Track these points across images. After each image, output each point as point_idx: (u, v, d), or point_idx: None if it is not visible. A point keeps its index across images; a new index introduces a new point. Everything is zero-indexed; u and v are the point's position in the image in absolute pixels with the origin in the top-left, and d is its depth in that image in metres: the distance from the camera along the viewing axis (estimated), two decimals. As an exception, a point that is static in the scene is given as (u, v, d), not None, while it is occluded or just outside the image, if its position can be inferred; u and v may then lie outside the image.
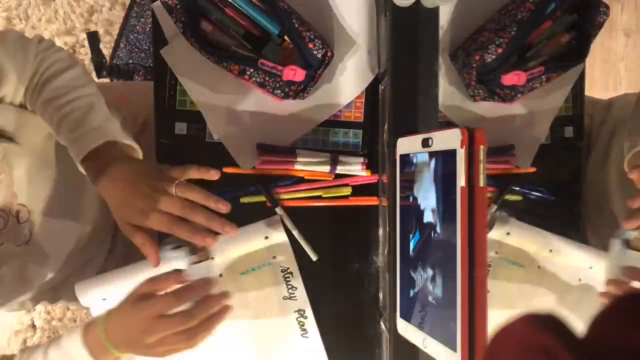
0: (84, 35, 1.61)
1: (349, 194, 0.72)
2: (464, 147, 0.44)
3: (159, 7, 0.68)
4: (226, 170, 0.70)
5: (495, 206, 0.73)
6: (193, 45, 0.64)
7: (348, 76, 0.71)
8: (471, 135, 0.44)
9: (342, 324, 0.73)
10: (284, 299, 0.72)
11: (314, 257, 0.72)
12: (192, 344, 0.61)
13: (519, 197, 0.75)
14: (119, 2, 1.62)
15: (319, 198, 0.72)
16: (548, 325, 0.26)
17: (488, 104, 0.72)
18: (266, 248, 0.71)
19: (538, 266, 0.74)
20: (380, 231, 0.71)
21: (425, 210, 0.51)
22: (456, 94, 0.72)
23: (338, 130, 0.72)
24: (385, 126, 0.64)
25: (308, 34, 0.63)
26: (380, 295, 0.72)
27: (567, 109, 0.76)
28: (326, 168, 0.70)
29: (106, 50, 1.20)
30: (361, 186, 0.72)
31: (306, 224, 0.71)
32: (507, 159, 0.73)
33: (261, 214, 0.71)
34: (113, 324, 0.59)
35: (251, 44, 0.65)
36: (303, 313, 0.72)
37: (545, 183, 0.74)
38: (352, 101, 0.71)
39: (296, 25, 0.63)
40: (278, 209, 0.70)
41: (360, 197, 0.72)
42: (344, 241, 0.72)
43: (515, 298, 0.74)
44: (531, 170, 0.74)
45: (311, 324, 0.72)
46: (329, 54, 0.65)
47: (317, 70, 0.65)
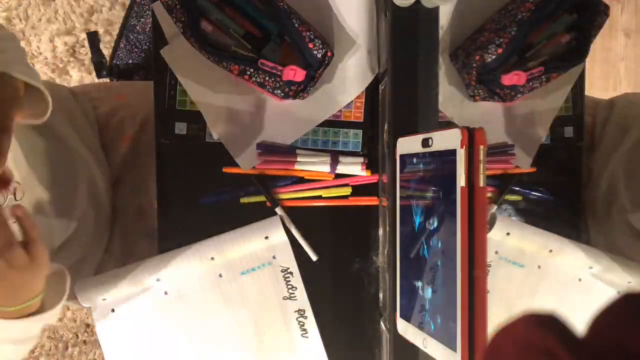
0: (84, 35, 1.61)
1: (349, 194, 0.72)
2: (464, 147, 0.44)
3: (159, 7, 0.68)
4: (226, 170, 0.70)
5: (495, 206, 0.73)
6: (193, 45, 0.64)
7: (348, 76, 0.71)
8: (471, 135, 0.44)
9: (342, 324, 0.73)
10: (283, 299, 0.72)
11: (313, 257, 0.72)
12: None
13: (519, 197, 0.75)
14: (119, 2, 1.62)
15: (319, 198, 0.72)
16: (548, 325, 0.26)
17: (488, 104, 0.72)
18: (266, 248, 0.71)
19: (538, 266, 0.74)
20: (380, 231, 0.71)
21: (425, 210, 0.51)
22: (456, 94, 0.72)
23: (338, 130, 0.72)
24: (385, 126, 0.64)
25: (308, 33, 0.63)
26: (380, 295, 0.72)
27: (567, 109, 0.76)
28: (326, 168, 0.70)
29: (106, 50, 1.20)
30: (361, 186, 0.72)
31: (306, 224, 0.71)
32: (507, 159, 0.73)
33: (261, 214, 0.71)
34: None
35: (251, 44, 0.65)
36: (303, 313, 0.72)
37: (545, 183, 0.74)
38: (352, 101, 0.71)
39: (296, 25, 0.62)
40: (278, 209, 0.70)
41: (360, 197, 0.72)
42: (344, 241, 0.72)
43: (515, 298, 0.74)
44: (531, 170, 0.74)
45: (311, 324, 0.72)
46: (329, 54, 0.65)
47: (317, 70, 0.65)
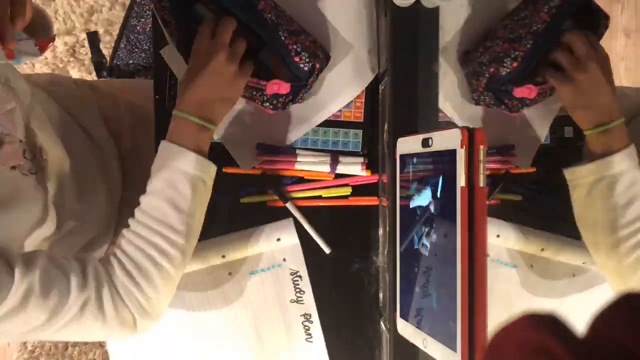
0: (84, 35, 1.61)
1: (349, 194, 0.72)
2: (464, 147, 0.44)
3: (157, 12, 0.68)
4: (226, 170, 0.70)
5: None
6: (185, 60, 0.64)
7: (348, 76, 0.71)
8: (471, 135, 0.44)
9: (342, 324, 0.73)
10: (291, 302, 0.72)
11: (327, 250, 0.72)
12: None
13: (518, 197, 0.75)
14: (119, 2, 1.62)
15: (319, 198, 0.72)
16: (548, 325, 0.26)
17: (488, 104, 0.72)
18: (277, 250, 0.71)
19: (531, 265, 0.74)
20: (380, 231, 0.71)
21: (425, 210, 0.51)
22: (456, 94, 0.72)
23: (338, 130, 0.72)
24: (385, 126, 0.64)
25: (295, 46, 0.61)
26: (380, 295, 0.72)
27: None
28: (326, 168, 0.70)
29: (106, 50, 1.20)
30: (361, 186, 0.72)
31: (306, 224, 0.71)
32: (507, 159, 0.73)
33: (261, 213, 0.71)
34: (183, 97, 0.59)
35: (247, 49, 0.64)
36: (309, 317, 0.72)
37: (545, 183, 0.74)
38: (352, 101, 0.71)
39: (282, 38, 0.61)
40: (288, 204, 0.70)
41: (360, 197, 0.72)
42: (344, 241, 0.72)
43: (511, 298, 0.74)
44: (531, 170, 0.74)
45: (317, 329, 0.72)
46: (318, 65, 0.64)
47: (308, 80, 0.65)
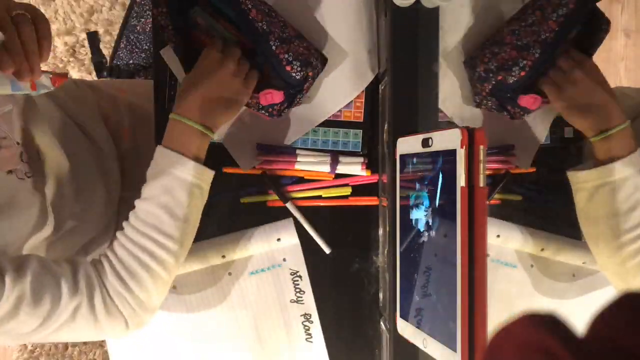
0: (84, 35, 1.61)
1: (349, 194, 0.72)
2: (464, 147, 0.44)
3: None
4: (226, 170, 0.70)
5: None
6: (182, 66, 0.64)
7: (348, 76, 0.71)
8: (471, 135, 0.44)
9: (342, 324, 0.73)
10: (291, 302, 0.72)
11: (327, 250, 0.72)
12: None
13: (518, 197, 0.75)
14: (119, 2, 1.62)
15: (319, 198, 0.72)
16: (548, 325, 0.26)
17: (488, 104, 0.72)
18: (277, 250, 0.71)
19: (531, 265, 0.74)
20: (380, 231, 0.71)
21: (425, 210, 0.51)
22: (456, 94, 0.72)
23: (338, 130, 0.72)
24: (385, 126, 0.64)
25: (286, 55, 0.60)
26: (380, 295, 0.72)
27: (567, 109, 0.75)
28: (326, 168, 0.70)
29: (106, 50, 1.20)
30: (361, 186, 0.72)
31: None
32: (507, 159, 0.73)
33: (262, 213, 0.71)
34: (185, 102, 0.59)
35: (244, 52, 0.64)
36: (309, 317, 0.72)
37: (545, 183, 0.74)
38: (352, 101, 0.71)
39: (273, 47, 0.60)
40: (288, 204, 0.70)
41: (360, 197, 0.72)
42: (344, 241, 0.72)
43: (511, 298, 0.74)
44: (531, 170, 0.74)
45: (317, 329, 0.72)
46: (310, 73, 0.64)
47: (303, 86, 0.65)
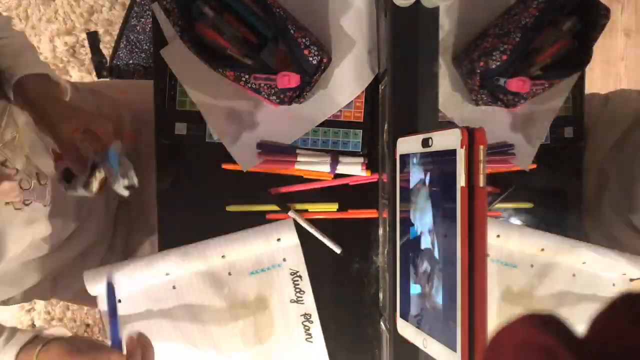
0: (84, 35, 1.61)
1: (336, 209, 0.72)
2: (464, 147, 0.44)
3: (158, 8, 0.68)
4: (226, 166, 0.70)
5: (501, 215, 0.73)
6: (190, 50, 0.64)
7: (348, 76, 0.71)
8: (471, 135, 0.44)
9: (342, 324, 0.73)
10: (291, 302, 0.72)
11: (337, 250, 0.72)
12: None
13: (530, 205, 0.74)
14: (119, 2, 1.62)
15: (316, 212, 0.72)
16: (548, 325, 0.26)
17: (488, 104, 0.72)
18: (277, 250, 0.71)
19: (531, 265, 0.74)
20: (380, 231, 0.71)
21: (425, 210, 0.51)
22: (456, 93, 0.72)
23: (338, 130, 0.72)
24: (385, 126, 0.64)
25: (304, 40, 0.62)
26: (380, 295, 0.72)
27: (567, 109, 0.76)
28: (326, 168, 0.70)
29: (106, 50, 1.20)
30: (361, 186, 0.72)
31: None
32: (507, 158, 0.73)
33: (262, 214, 0.71)
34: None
35: (248, 48, 0.65)
36: (309, 317, 0.72)
37: (546, 183, 0.74)
38: (352, 101, 0.71)
39: (292, 31, 0.62)
40: (291, 212, 0.70)
41: (360, 210, 0.72)
42: (344, 241, 0.72)
43: (511, 298, 0.74)
44: (532, 167, 0.74)
45: (317, 329, 0.72)
46: (325, 60, 0.64)
47: (313, 76, 0.65)
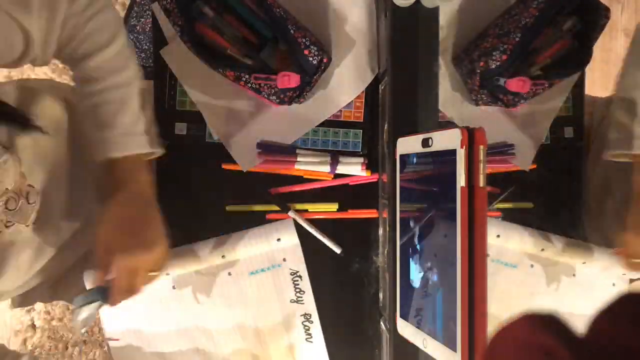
0: (84, 35, 1.61)
1: (336, 209, 0.72)
2: (464, 147, 0.44)
3: (158, 8, 0.68)
4: (225, 166, 0.70)
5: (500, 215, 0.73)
6: (190, 49, 0.64)
7: (348, 76, 0.71)
8: (471, 135, 0.44)
9: (342, 324, 0.73)
10: (291, 302, 0.72)
11: (337, 251, 0.72)
12: None
13: (530, 205, 0.74)
14: (119, 2, 1.62)
15: (317, 212, 0.72)
16: (548, 325, 0.26)
17: (488, 103, 0.72)
18: (277, 250, 0.71)
19: (531, 265, 0.74)
20: (380, 231, 0.71)
21: (425, 210, 0.51)
22: (456, 94, 0.72)
23: (338, 130, 0.72)
24: (385, 126, 0.64)
25: (304, 40, 0.62)
26: (380, 295, 0.72)
27: (567, 109, 0.76)
28: (326, 168, 0.70)
29: (106, 50, 1.20)
30: (361, 185, 0.72)
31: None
32: (507, 158, 0.73)
33: (262, 214, 0.71)
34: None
35: (248, 49, 0.65)
36: (309, 317, 0.72)
37: (545, 183, 0.74)
38: (352, 101, 0.71)
39: (292, 31, 0.62)
40: (291, 212, 0.71)
41: (360, 210, 0.72)
42: (344, 241, 0.72)
43: (511, 298, 0.74)
44: (532, 167, 0.74)
45: (317, 329, 0.72)
46: (325, 60, 0.65)
47: (313, 76, 0.65)
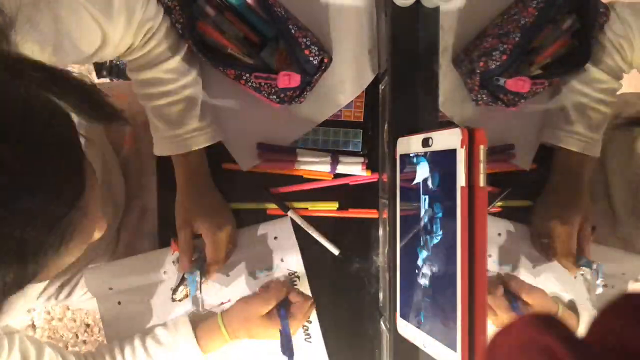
0: (84, 35, 1.61)
1: (336, 207, 0.72)
2: (464, 147, 0.44)
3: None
4: (225, 166, 0.70)
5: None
6: (191, 47, 0.64)
7: (348, 76, 0.71)
8: (471, 135, 0.44)
9: (342, 324, 0.73)
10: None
11: (335, 252, 0.71)
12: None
13: (526, 203, 0.74)
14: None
15: (316, 209, 0.72)
16: (548, 325, 0.26)
17: (488, 103, 0.72)
18: (274, 250, 0.71)
19: (533, 266, 0.74)
20: (380, 231, 0.71)
21: (425, 210, 0.51)
22: (456, 93, 0.72)
23: (338, 130, 0.72)
24: (385, 126, 0.64)
25: (305, 40, 0.62)
26: (380, 295, 0.72)
27: (567, 108, 0.75)
28: (326, 168, 0.70)
29: (106, 50, 1.20)
30: (361, 185, 0.72)
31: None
32: (507, 158, 0.73)
33: (259, 213, 0.71)
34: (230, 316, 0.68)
35: (249, 46, 0.65)
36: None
37: (545, 183, 0.74)
38: (352, 101, 0.71)
39: (292, 31, 0.62)
40: (290, 212, 0.70)
41: (360, 210, 0.72)
42: (344, 241, 0.72)
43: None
44: (532, 167, 0.74)
45: (315, 329, 0.72)
46: (326, 60, 0.65)
47: (314, 76, 0.65)
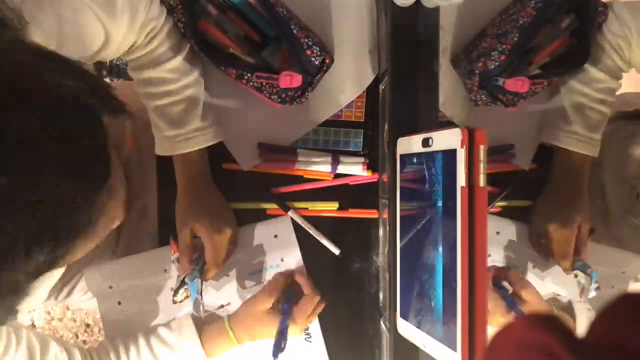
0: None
1: (336, 208, 0.72)
2: (464, 147, 0.44)
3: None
4: (226, 166, 0.70)
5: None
6: (193, 46, 0.64)
7: (348, 76, 0.71)
8: (471, 135, 0.44)
9: (342, 324, 0.73)
10: None
11: (336, 252, 0.71)
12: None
13: (526, 203, 0.74)
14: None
15: (316, 209, 0.72)
16: (548, 325, 0.26)
17: (488, 103, 0.72)
18: (275, 248, 0.71)
19: (533, 266, 0.74)
20: (381, 231, 0.71)
21: (425, 210, 0.51)
22: (456, 93, 0.72)
23: (338, 130, 0.72)
24: (386, 126, 0.64)
25: (306, 40, 0.62)
26: (380, 295, 0.72)
27: (567, 108, 0.75)
28: (327, 168, 0.70)
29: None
30: (361, 185, 0.72)
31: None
32: (507, 158, 0.73)
33: (259, 212, 0.71)
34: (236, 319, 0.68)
35: (250, 48, 0.65)
36: None
37: (545, 183, 0.74)
38: (353, 101, 0.71)
39: (295, 31, 0.62)
40: (290, 212, 0.71)
41: (360, 210, 0.72)
42: (344, 241, 0.72)
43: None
44: (532, 166, 0.74)
45: (316, 328, 0.72)
46: (327, 61, 0.64)
47: (316, 76, 0.65)
